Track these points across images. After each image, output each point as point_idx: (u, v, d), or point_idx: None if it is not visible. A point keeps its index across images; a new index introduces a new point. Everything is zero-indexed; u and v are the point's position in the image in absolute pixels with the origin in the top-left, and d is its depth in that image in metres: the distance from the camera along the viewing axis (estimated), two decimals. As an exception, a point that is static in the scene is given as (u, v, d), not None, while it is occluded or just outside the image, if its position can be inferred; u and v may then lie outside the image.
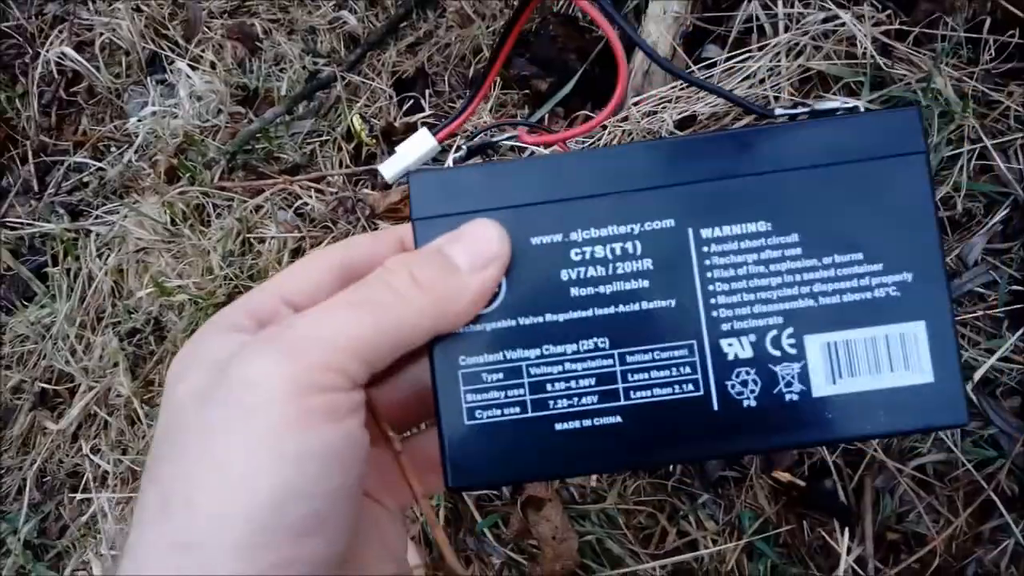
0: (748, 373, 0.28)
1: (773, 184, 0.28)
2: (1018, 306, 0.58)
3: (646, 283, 0.28)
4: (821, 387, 0.28)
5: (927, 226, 0.28)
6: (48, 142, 0.97)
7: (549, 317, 0.28)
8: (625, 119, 0.67)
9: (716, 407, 0.28)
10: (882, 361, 0.28)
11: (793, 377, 0.28)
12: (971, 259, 0.60)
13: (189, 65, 0.89)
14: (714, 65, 0.66)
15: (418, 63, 0.85)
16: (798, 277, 0.28)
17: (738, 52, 0.66)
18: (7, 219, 0.91)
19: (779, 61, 0.63)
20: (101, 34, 0.95)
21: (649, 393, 0.28)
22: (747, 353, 0.28)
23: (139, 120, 0.89)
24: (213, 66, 0.89)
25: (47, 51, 0.96)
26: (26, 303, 0.86)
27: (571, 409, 0.28)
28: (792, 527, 0.58)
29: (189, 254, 0.75)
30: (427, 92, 0.81)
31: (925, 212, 0.28)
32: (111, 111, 0.95)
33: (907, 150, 0.28)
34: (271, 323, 0.26)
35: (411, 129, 0.77)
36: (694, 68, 0.67)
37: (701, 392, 0.28)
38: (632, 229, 0.29)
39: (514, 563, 0.60)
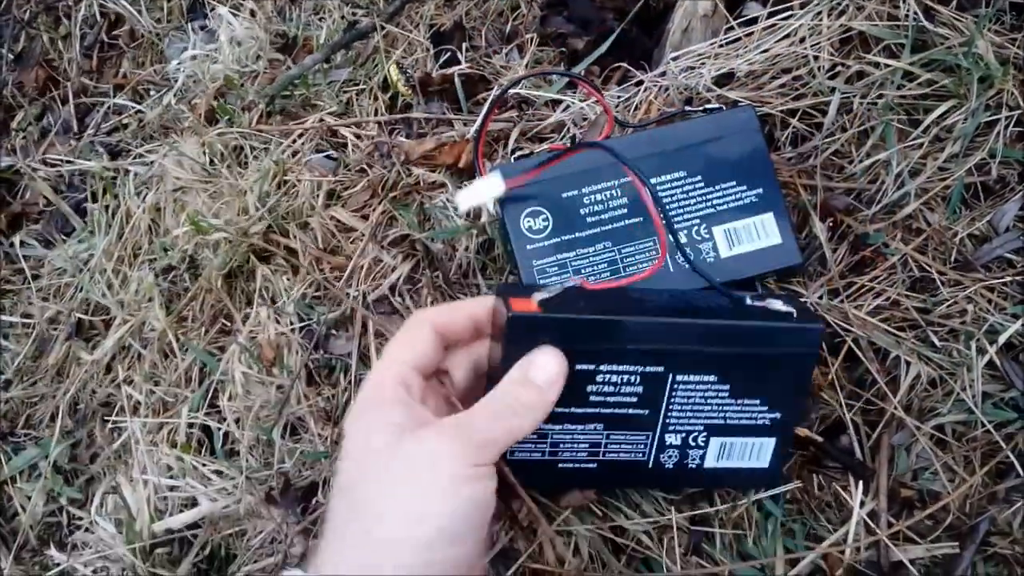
0: (674, 452, 0.49)
1: (726, 355, 0.46)
2: (1047, 273, 0.58)
3: (635, 399, 0.46)
4: (711, 463, 0.50)
5: (801, 390, 0.50)
6: (89, 84, 0.98)
7: (574, 410, 0.46)
8: (663, 74, 0.68)
9: (651, 466, 0.49)
10: (746, 456, 0.50)
11: (698, 457, 0.49)
12: (1002, 225, 0.60)
13: (230, 11, 0.90)
14: (755, 22, 0.66)
15: (456, 17, 0.85)
16: (721, 408, 0.48)
17: (780, 8, 0.66)
18: (48, 156, 0.93)
19: (820, 20, 0.63)
20: (144, -22, 0.96)
21: (616, 456, 0.48)
22: (676, 441, 0.49)
23: (179, 64, 0.90)
24: (253, 13, 0.90)
25: (91, -6, 0.97)
26: (65, 237, 0.88)
27: (569, 458, 0.48)
28: (802, 484, 0.58)
29: (226, 194, 0.76)
30: (464, 46, 0.82)
31: (802, 381, 0.49)
32: (152, 55, 0.97)
33: (804, 351, 0.47)
34: (414, 388, 0.42)
35: (447, 80, 0.77)
36: (734, 24, 0.67)
37: (645, 458, 0.49)
38: (637, 369, 0.45)
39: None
